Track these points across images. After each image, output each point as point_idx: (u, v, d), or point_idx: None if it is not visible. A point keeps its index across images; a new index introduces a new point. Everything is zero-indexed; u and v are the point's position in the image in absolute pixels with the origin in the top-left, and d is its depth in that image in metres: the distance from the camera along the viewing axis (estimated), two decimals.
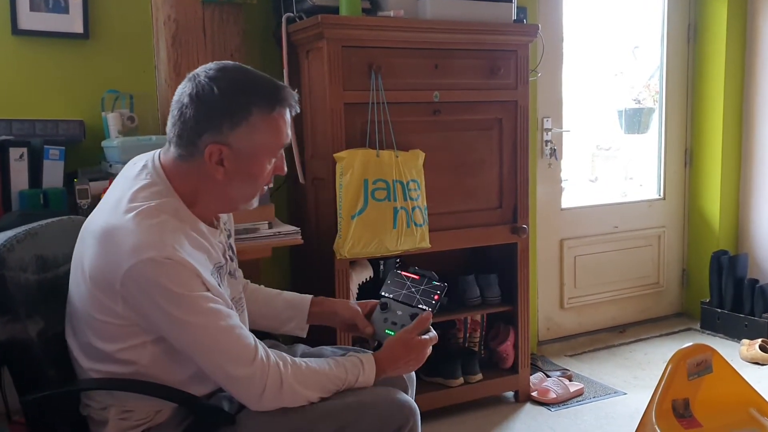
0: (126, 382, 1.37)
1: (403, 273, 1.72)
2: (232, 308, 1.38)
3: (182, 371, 1.39)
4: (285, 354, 1.40)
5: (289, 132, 1.41)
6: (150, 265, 1.25)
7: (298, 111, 1.42)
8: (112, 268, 1.28)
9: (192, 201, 1.38)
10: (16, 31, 2.33)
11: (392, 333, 1.61)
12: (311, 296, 1.75)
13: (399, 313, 1.64)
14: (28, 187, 2.13)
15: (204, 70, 1.36)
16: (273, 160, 1.40)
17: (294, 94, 1.40)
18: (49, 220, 1.59)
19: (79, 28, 2.41)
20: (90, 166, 2.33)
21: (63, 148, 2.19)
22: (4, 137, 2.15)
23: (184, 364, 1.38)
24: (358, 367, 1.45)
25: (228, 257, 1.52)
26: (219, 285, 1.40)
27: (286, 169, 1.45)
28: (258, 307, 1.71)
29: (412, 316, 1.61)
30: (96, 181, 2.15)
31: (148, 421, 1.41)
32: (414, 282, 1.69)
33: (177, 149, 1.37)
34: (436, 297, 1.64)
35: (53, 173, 2.17)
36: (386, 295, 1.69)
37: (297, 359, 1.40)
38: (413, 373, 1.68)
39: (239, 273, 1.62)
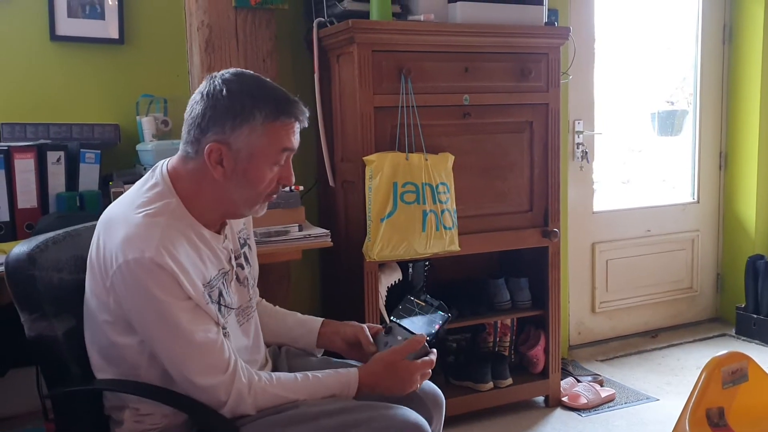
0: (131, 384, 1.40)
1: (415, 300, 1.70)
2: (218, 319, 1.38)
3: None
4: (261, 373, 1.40)
5: (294, 143, 1.41)
6: (135, 264, 1.27)
7: (306, 126, 1.43)
8: (106, 261, 1.32)
9: (193, 202, 1.40)
10: (54, 37, 2.38)
11: None
12: (323, 318, 1.74)
13: (399, 338, 1.60)
14: (65, 190, 2.18)
15: (222, 73, 1.40)
16: (275, 168, 1.41)
17: (304, 110, 1.42)
18: (93, 223, 1.62)
19: (114, 34, 2.46)
20: (125, 169, 2.37)
21: (99, 151, 2.24)
22: (42, 141, 2.20)
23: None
24: (339, 382, 1.44)
25: (236, 264, 1.53)
26: (222, 292, 1.43)
27: (293, 179, 1.46)
28: (269, 321, 1.72)
29: None
30: (130, 184, 2.16)
31: (159, 426, 1.42)
32: (421, 309, 1.67)
33: (185, 147, 1.40)
34: (436, 326, 1.60)
35: (89, 176, 2.22)
36: (393, 319, 1.67)
37: (272, 376, 1.41)
38: (442, 398, 1.64)
39: (251, 281, 1.61)
